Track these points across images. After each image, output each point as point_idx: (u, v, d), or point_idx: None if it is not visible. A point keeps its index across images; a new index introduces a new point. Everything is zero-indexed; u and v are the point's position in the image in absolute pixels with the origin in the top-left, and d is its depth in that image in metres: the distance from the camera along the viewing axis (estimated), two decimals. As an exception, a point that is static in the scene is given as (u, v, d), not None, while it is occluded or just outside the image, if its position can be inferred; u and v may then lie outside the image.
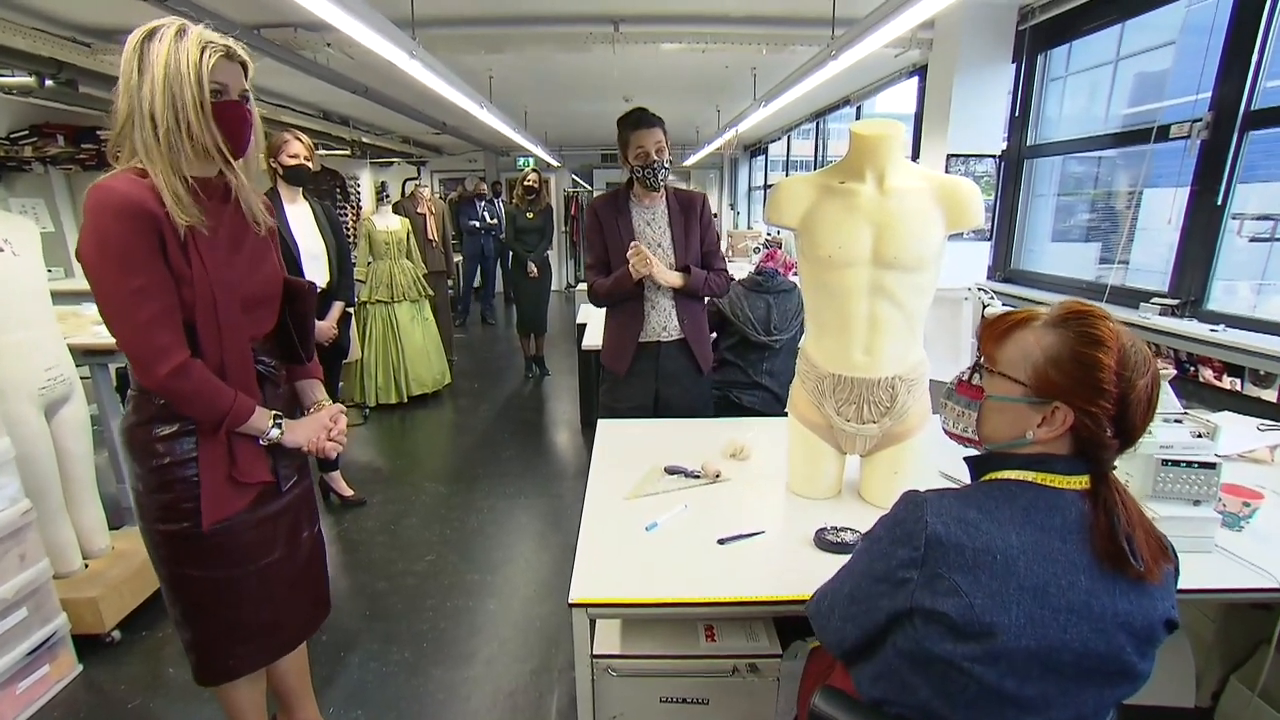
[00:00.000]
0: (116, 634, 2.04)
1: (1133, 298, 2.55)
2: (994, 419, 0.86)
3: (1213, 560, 1.24)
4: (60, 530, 1.99)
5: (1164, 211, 2.59)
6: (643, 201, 2.07)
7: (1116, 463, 0.81)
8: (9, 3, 2.81)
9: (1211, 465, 1.24)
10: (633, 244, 1.95)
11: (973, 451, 0.91)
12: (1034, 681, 0.75)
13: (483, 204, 7.52)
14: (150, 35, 1.05)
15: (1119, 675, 0.76)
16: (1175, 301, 2.40)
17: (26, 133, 4.40)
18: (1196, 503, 1.26)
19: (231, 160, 1.13)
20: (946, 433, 0.94)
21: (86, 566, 2.09)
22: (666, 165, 1.99)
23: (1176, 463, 1.25)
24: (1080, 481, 0.79)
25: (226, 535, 1.22)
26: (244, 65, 1.14)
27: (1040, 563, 0.75)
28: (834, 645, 0.91)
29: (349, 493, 3.07)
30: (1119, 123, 3.26)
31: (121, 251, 1.04)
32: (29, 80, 3.16)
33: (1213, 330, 2.18)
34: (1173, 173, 2.54)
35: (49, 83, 3.19)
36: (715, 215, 10.32)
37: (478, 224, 7.08)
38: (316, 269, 2.61)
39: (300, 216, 2.58)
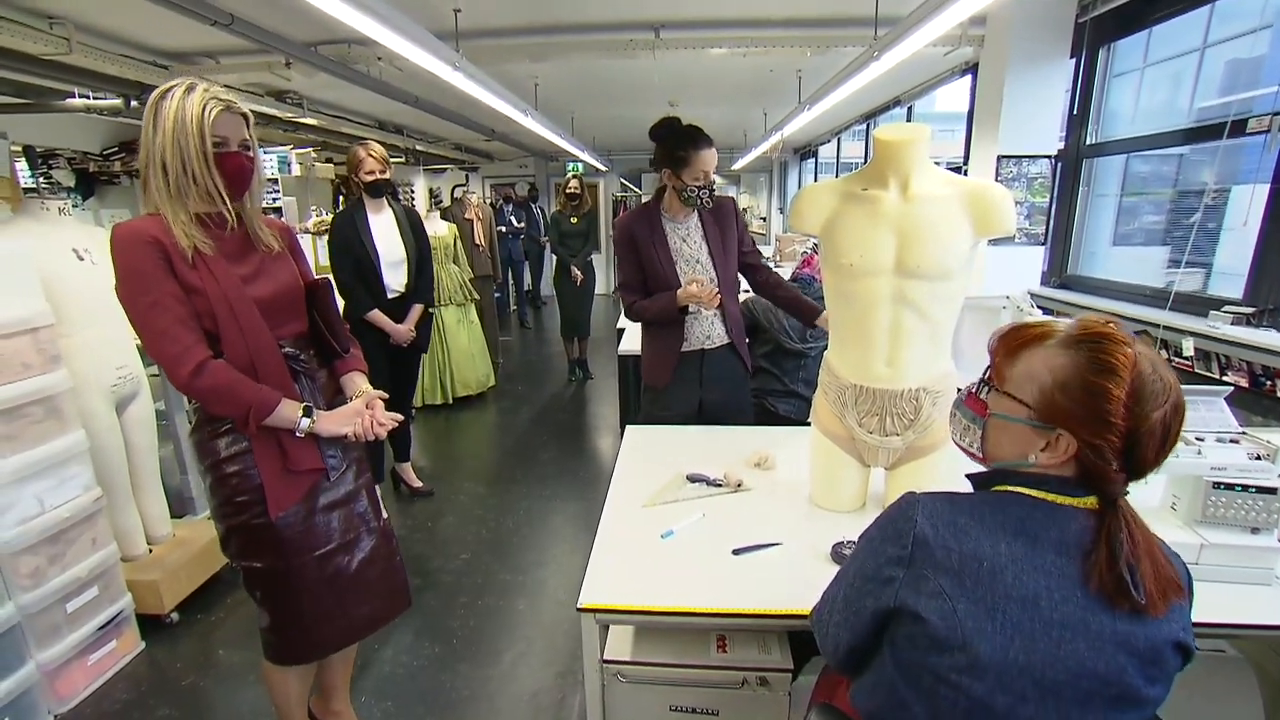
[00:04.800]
0: (175, 615, 2.19)
1: (1202, 305, 2.37)
2: (997, 436, 0.83)
3: (1275, 593, 1.15)
4: (127, 517, 2.16)
5: (1243, 212, 2.40)
6: (676, 216, 2.02)
7: (1142, 485, 0.76)
8: (100, 32, 3.07)
9: (1272, 490, 1.15)
10: (692, 285, 1.91)
11: (977, 468, 0.88)
12: (1029, 702, 0.71)
13: (510, 208, 7.69)
14: (165, 94, 1.19)
15: (1123, 700, 0.72)
16: (1250, 310, 2.21)
17: (116, 149, 4.79)
18: (1255, 530, 1.16)
19: (229, 202, 1.25)
20: (955, 443, 0.91)
21: (150, 551, 2.25)
22: (714, 186, 1.96)
23: (1231, 486, 1.16)
24: (1086, 501, 0.75)
25: (283, 526, 1.29)
26: (245, 117, 1.27)
27: (1031, 574, 0.72)
28: (830, 653, 0.90)
29: (418, 484, 3.22)
30: (1198, 117, 3.04)
31: (135, 275, 1.18)
32: (117, 102, 3.45)
33: (1293, 342, 2.01)
34: (1264, 169, 2.34)
35: (134, 103, 3.47)
36: (763, 219, 10.21)
37: (505, 228, 7.26)
38: (395, 275, 2.75)
39: (384, 225, 2.73)
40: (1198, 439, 1.21)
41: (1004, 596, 0.72)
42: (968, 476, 0.89)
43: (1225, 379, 2.19)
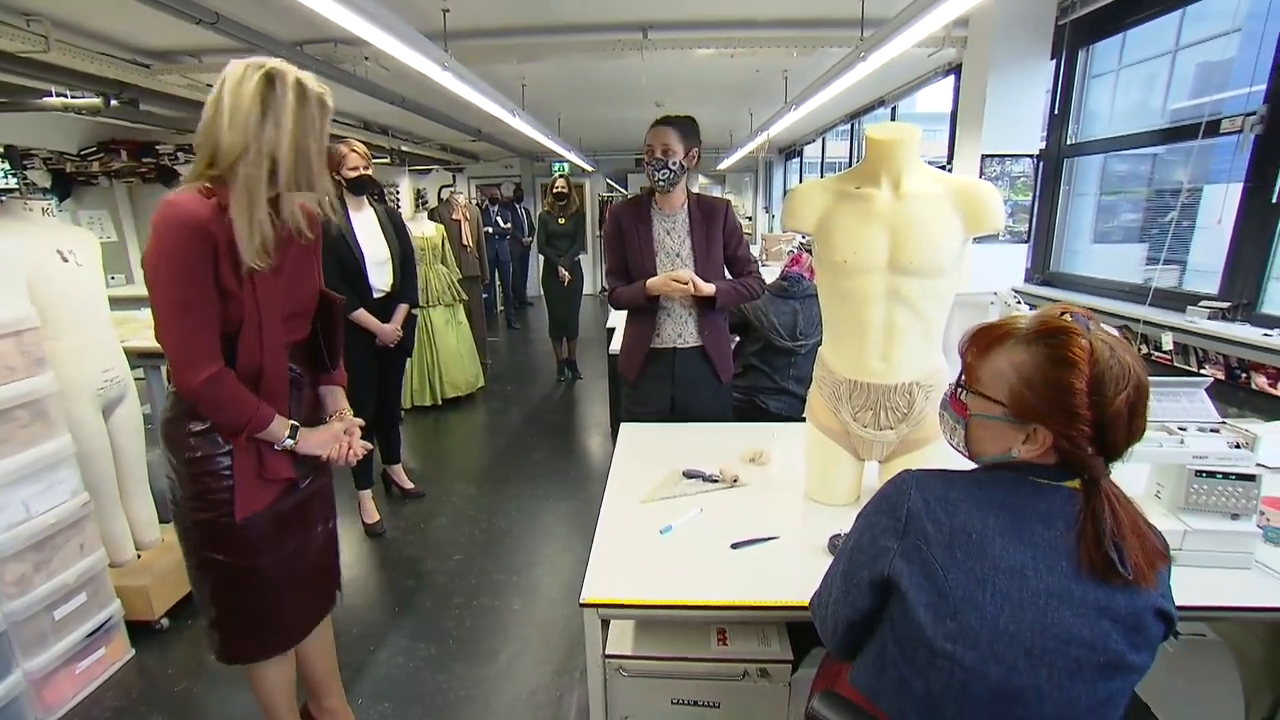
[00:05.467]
0: (165, 621, 2.16)
1: (1179, 301, 2.44)
2: (980, 435, 0.86)
3: (1255, 577, 1.19)
4: (115, 522, 2.13)
5: (1215, 210, 2.47)
6: (664, 209, 2.06)
7: (1124, 472, 0.80)
8: (79, 29, 3.01)
9: (1251, 477, 1.19)
10: (669, 277, 1.96)
11: (970, 463, 0.91)
12: (1021, 672, 0.74)
13: (496, 209, 7.65)
14: (271, 82, 1.12)
15: (1110, 667, 0.75)
16: (1226, 304, 2.28)
17: (94, 149, 4.71)
18: (1235, 516, 1.20)
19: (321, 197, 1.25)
20: (947, 441, 0.94)
21: (139, 557, 2.22)
22: (671, 167, 1.95)
23: (1212, 474, 1.20)
24: (1071, 483, 0.79)
25: (251, 526, 1.30)
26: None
27: (1018, 545, 0.76)
28: (829, 635, 0.92)
29: (409, 485, 3.21)
30: (1172, 117, 3.13)
31: (178, 264, 1.12)
32: (96, 101, 3.39)
33: (1266, 335, 2.07)
34: (1235, 168, 2.41)
35: (114, 102, 3.41)
36: (749, 219, 10.27)
37: (491, 229, 7.23)
38: (380, 275, 2.71)
39: (366, 224, 2.68)
40: (1180, 429, 1.25)
41: (993, 568, 0.75)
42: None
43: (1203, 372, 2.26)
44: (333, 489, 1.54)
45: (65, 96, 3.38)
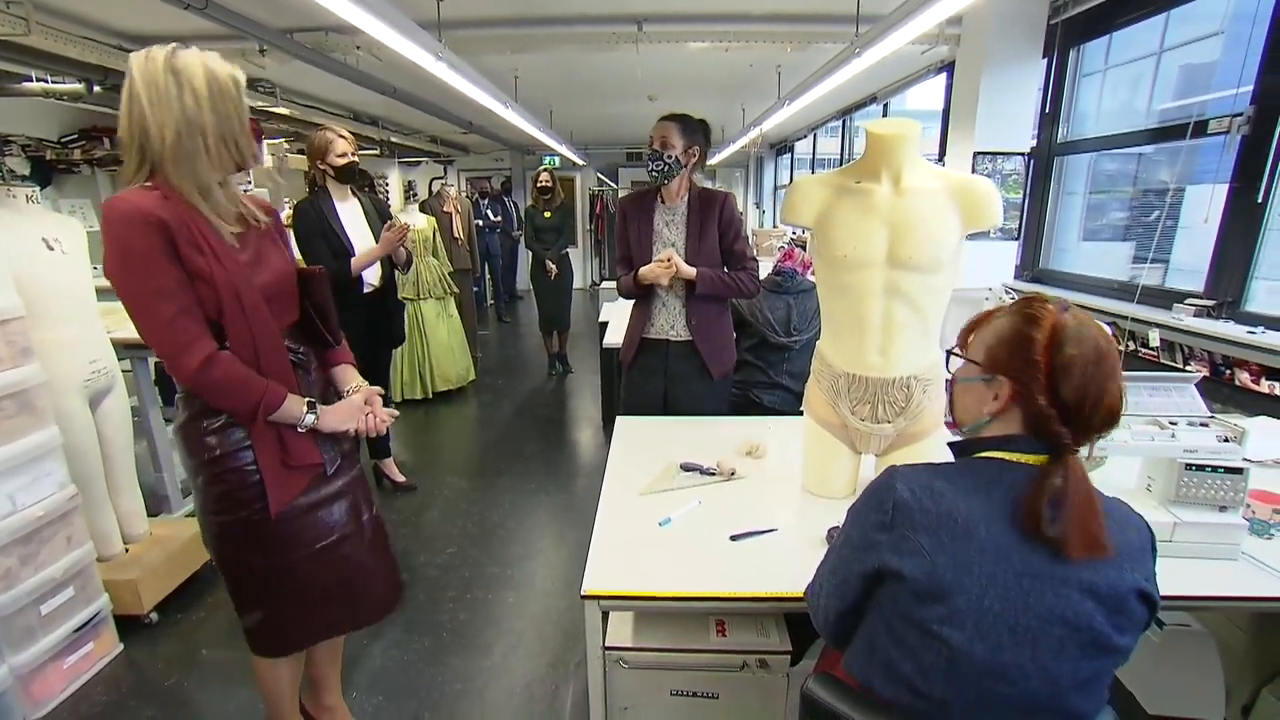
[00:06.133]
0: (154, 615, 2.14)
1: (1166, 298, 2.48)
2: (961, 400, 0.93)
3: (1240, 568, 1.22)
4: (103, 516, 2.09)
5: (1202, 209, 2.51)
6: (666, 201, 2.10)
7: (1101, 452, 0.82)
8: (61, 12, 2.94)
9: (1238, 470, 1.21)
10: (657, 261, 2.01)
11: (955, 437, 0.95)
12: (1005, 649, 0.77)
13: (485, 202, 7.59)
14: (175, 55, 1.12)
15: (1094, 647, 0.77)
16: (1211, 302, 2.32)
17: (76, 136, 4.60)
18: (1222, 508, 1.23)
19: (249, 170, 1.22)
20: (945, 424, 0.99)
21: (127, 550, 2.18)
22: (666, 159, 1.98)
23: (1201, 467, 1.22)
24: (1041, 458, 0.82)
25: (285, 521, 1.26)
26: None
27: (1002, 528, 0.78)
28: (821, 624, 0.95)
29: (401, 479, 3.18)
30: (1158, 118, 3.18)
31: (138, 256, 1.10)
32: (78, 87, 3.32)
33: (1251, 332, 2.12)
34: (1220, 169, 2.45)
35: (96, 88, 3.34)
36: (741, 214, 10.28)
37: (481, 222, 7.20)
38: (369, 268, 2.66)
39: (351, 213, 2.60)
40: (1171, 423, 1.27)
41: (979, 550, 0.78)
42: (949, 445, 0.95)
43: (1188, 368, 2.30)
44: (365, 476, 1.49)
45: (46, 82, 3.30)
